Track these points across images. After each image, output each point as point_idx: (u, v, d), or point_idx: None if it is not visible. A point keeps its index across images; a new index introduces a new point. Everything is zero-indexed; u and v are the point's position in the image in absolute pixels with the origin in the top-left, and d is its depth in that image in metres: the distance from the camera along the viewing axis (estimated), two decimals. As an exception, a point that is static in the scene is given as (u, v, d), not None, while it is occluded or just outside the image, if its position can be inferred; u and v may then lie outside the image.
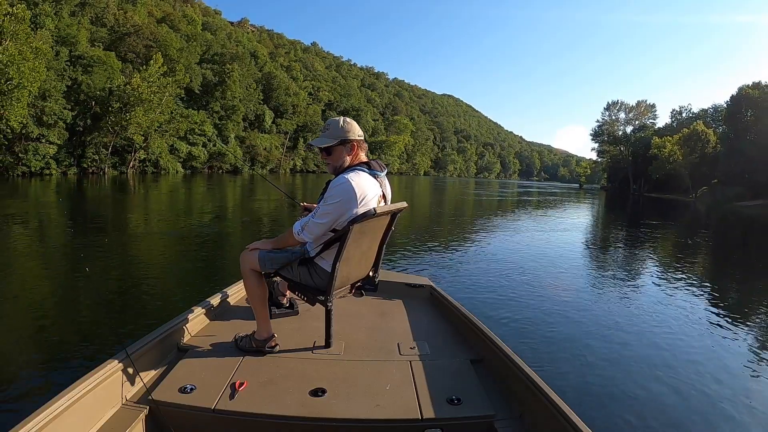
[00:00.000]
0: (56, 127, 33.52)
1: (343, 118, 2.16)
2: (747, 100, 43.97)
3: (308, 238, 2.12)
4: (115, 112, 36.74)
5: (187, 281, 5.94)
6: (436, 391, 1.85)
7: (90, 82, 36.07)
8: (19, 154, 31.11)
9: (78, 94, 35.77)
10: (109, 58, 38.51)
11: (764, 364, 4.11)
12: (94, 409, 1.63)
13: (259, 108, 65.87)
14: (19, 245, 7.82)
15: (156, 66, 39.66)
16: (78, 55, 36.99)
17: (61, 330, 3.95)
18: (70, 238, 8.63)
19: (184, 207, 16.97)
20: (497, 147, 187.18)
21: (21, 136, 30.78)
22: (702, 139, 51.50)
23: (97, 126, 36.92)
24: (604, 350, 4.12)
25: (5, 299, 4.74)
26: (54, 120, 33.19)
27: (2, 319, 4.16)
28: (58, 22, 37.80)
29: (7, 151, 30.49)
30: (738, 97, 45.22)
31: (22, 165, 31.34)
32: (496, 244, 10.50)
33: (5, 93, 26.85)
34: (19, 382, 2.92)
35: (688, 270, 8.96)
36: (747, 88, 44.68)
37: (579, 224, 18.29)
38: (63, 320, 4.22)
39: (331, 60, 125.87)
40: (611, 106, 69.86)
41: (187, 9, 71.07)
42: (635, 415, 2.98)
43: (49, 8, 36.74)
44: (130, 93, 36.51)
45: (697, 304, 6.08)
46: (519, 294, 5.88)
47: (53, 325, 4.10)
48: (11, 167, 30.71)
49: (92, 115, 37.02)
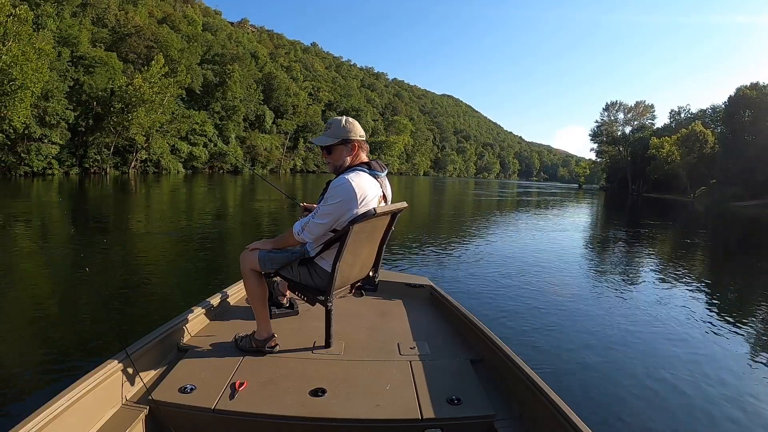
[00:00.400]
0: (58, 127, 33.54)
1: (345, 117, 2.14)
2: (745, 101, 44.02)
3: (308, 238, 2.10)
4: (117, 112, 36.73)
5: (187, 281, 5.90)
6: (436, 391, 1.84)
7: (92, 83, 36.07)
8: (22, 154, 31.10)
9: (80, 94, 35.76)
10: (110, 59, 38.52)
11: (764, 363, 4.09)
12: (94, 409, 1.62)
13: (259, 108, 65.84)
14: (18, 245, 7.80)
15: (157, 67, 39.63)
16: (79, 56, 37.01)
17: (61, 330, 3.93)
18: (70, 238, 8.60)
19: (185, 207, 16.94)
20: (497, 147, 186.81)
21: (24, 137, 30.79)
22: (700, 139, 51.54)
23: (99, 126, 36.91)
24: (604, 350, 4.10)
25: (5, 299, 4.71)
26: (56, 120, 33.20)
27: (2, 319, 4.14)
28: (60, 22, 37.82)
29: (10, 151, 30.50)
30: (736, 98, 45.26)
31: (25, 165, 31.34)
32: (496, 245, 10.47)
33: (8, 94, 26.87)
34: (19, 382, 2.90)
35: (686, 270, 8.95)
36: (745, 88, 44.72)
37: (578, 224, 18.30)
38: (63, 320, 4.20)
39: (331, 60, 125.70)
40: (610, 106, 69.98)
41: (187, 9, 71.09)
42: (635, 415, 2.97)
43: (50, 9, 36.76)
44: (132, 93, 36.50)
45: (696, 304, 6.06)
46: (519, 294, 5.85)
47: (53, 325, 4.07)
48: (13, 167, 30.73)
49: (94, 116, 37.01)
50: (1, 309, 4.39)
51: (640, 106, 69.08)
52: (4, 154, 30.12)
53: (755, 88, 44.22)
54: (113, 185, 27.28)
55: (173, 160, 46.80)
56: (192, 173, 48.28)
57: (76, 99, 35.49)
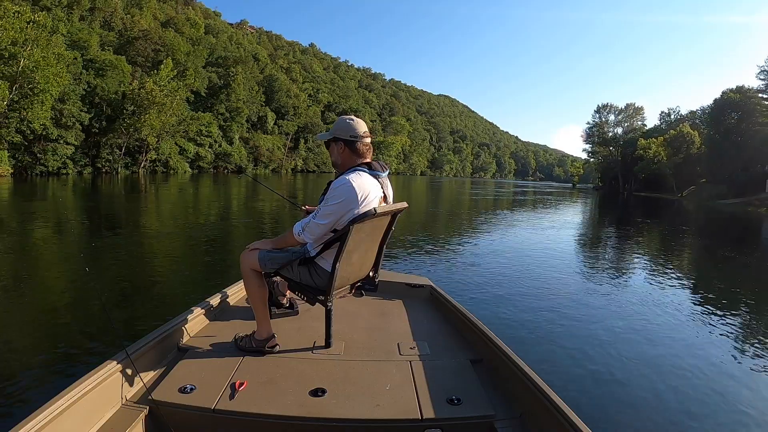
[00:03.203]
0: (73, 128, 34.13)
1: (350, 116, 2.09)
2: (729, 104, 44.40)
3: (309, 239, 2.05)
4: (129, 114, 37.33)
5: (187, 281, 5.78)
6: (436, 391, 1.80)
7: (104, 86, 36.56)
8: (38, 155, 31.70)
9: (92, 97, 36.25)
10: (120, 62, 38.75)
11: (765, 363, 4.00)
12: (94, 409, 1.58)
13: (261, 110, 65.99)
14: (19, 245, 7.68)
15: (166, 70, 39.99)
16: (90, 59, 37.27)
17: (61, 330, 3.85)
18: (71, 238, 8.42)
19: (190, 206, 16.89)
20: (493, 147, 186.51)
21: (40, 137, 31.39)
22: (687, 140, 51.97)
23: (111, 128, 37.45)
24: (604, 350, 4.00)
25: (5, 299, 4.62)
26: (72, 122, 33.82)
27: (2, 319, 4.04)
28: (70, 26, 37.98)
29: (26, 151, 31.02)
30: (721, 101, 45.65)
31: (40, 164, 31.88)
32: (495, 244, 10.26)
33: (28, 96, 27.44)
34: (19, 382, 2.83)
35: (684, 269, 8.95)
36: (730, 92, 45.10)
37: (572, 222, 18.35)
38: (63, 320, 4.11)
39: (329, 61, 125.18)
40: (601, 108, 70.48)
41: (189, 11, 71.08)
42: (635, 414, 2.91)
43: (61, 13, 36.99)
44: (144, 96, 36.99)
45: (695, 304, 5.94)
46: (519, 294, 5.72)
47: (53, 325, 3.99)
48: (30, 167, 31.26)
49: (106, 118, 37.52)
50: (1, 309, 4.30)
51: (630, 108, 69.64)
52: (21, 154, 30.62)
53: (740, 91, 44.51)
54: (124, 184, 27.39)
55: (181, 160, 47.08)
56: (198, 172, 48.46)
57: (88, 101, 35.97)
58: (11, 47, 26.05)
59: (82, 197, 18.36)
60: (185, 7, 74.63)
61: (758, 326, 5.21)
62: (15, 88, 26.77)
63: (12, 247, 7.42)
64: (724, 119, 44.56)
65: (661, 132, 60.89)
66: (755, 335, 4.84)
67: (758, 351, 4.25)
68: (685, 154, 51.48)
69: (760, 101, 43.64)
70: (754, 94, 44.00)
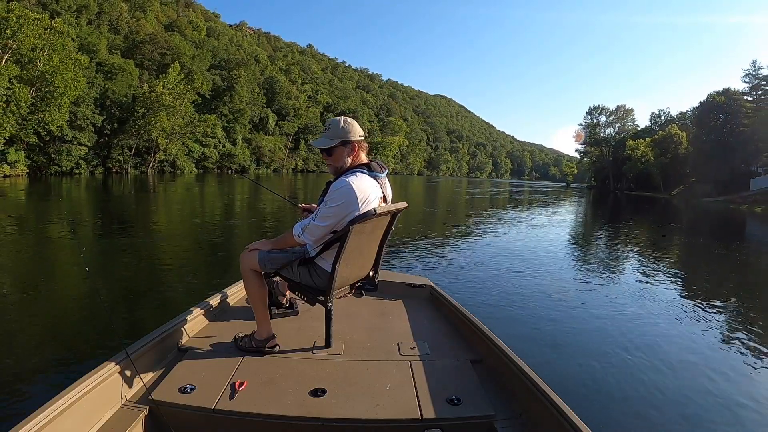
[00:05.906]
0: (87, 130, 34.54)
1: (344, 118, 2.00)
2: (714, 107, 44.67)
3: (309, 240, 1.99)
4: (140, 116, 37.66)
5: (187, 281, 5.69)
6: (436, 391, 1.75)
7: (114, 89, 36.92)
8: (52, 155, 32.07)
9: (104, 99, 36.61)
10: (128, 66, 38.94)
11: (765, 362, 3.93)
12: (94, 409, 1.54)
13: (263, 111, 65.95)
14: (18, 244, 7.59)
15: (174, 74, 40.15)
16: (99, 62, 37.41)
17: (62, 330, 3.79)
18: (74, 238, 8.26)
19: (197, 205, 16.85)
20: (489, 147, 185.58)
21: (55, 138, 31.82)
22: (675, 141, 52.28)
23: (122, 129, 37.78)
24: (604, 350, 3.93)
25: (5, 299, 4.54)
26: (86, 124, 34.29)
27: (2, 319, 3.96)
28: (80, 30, 38.10)
29: (41, 152, 31.32)
30: (707, 103, 45.93)
31: (54, 164, 32.24)
32: (494, 244, 10.11)
33: (46, 99, 27.83)
34: (19, 382, 2.77)
35: (670, 265, 8.91)
36: (715, 94, 45.41)
37: (565, 220, 18.41)
38: (63, 320, 4.04)
39: (326, 62, 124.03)
40: (593, 110, 70.62)
41: (190, 14, 70.86)
42: (635, 414, 2.85)
43: (71, 17, 37.17)
44: (154, 99, 37.30)
45: (696, 304, 5.81)
46: (519, 294, 5.62)
47: (53, 325, 3.92)
48: (44, 167, 31.60)
49: (117, 120, 37.87)
50: (1, 309, 4.22)
51: (621, 109, 69.92)
52: (36, 154, 30.94)
53: (725, 94, 44.75)
54: (134, 184, 27.46)
55: (187, 160, 47.20)
56: (203, 172, 48.52)
57: (100, 104, 36.33)
58: (30, 53, 26.54)
59: (95, 196, 18.38)
60: (186, 9, 74.25)
61: (749, 322, 5.16)
62: (32, 92, 27.12)
63: (15, 246, 7.34)
64: (710, 121, 44.80)
65: (652, 133, 61.21)
66: (751, 331, 4.78)
67: (758, 350, 4.17)
68: (673, 154, 51.84)
69: (744, 103, 43.96)
70: (739, 97, 44.30)
